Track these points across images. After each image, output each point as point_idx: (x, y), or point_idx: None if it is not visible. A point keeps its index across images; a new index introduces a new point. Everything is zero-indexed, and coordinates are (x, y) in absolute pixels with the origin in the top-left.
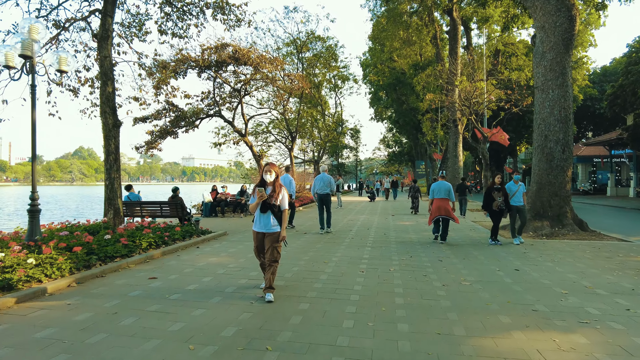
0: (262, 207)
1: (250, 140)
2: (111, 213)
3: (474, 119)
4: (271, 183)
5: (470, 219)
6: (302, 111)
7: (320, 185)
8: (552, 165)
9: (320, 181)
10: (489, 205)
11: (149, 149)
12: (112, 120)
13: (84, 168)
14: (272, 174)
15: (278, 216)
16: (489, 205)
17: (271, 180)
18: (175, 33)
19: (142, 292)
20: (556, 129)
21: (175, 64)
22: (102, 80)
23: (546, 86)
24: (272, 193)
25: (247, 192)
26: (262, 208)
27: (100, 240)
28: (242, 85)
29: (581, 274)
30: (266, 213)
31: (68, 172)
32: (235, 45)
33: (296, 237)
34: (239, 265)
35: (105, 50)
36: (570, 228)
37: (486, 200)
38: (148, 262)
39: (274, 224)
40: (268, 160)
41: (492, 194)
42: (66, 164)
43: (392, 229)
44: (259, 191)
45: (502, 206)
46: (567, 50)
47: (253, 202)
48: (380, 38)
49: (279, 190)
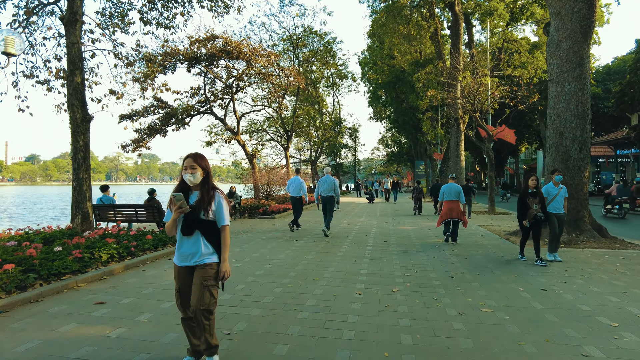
0: (184, 225)
1: (242, 139)
2: (79, 218)
3: (478, 117)
4: (198, 186)
5: (476, 222)
6: (299, 109)
7: (324, 187)
8: (568, 165)
9: (324, 183)
10: (524, 214)
11: (136, 147)
12: (81, 114)
13: None
14: (196, 172)
15: (212, 238)
16: (524, 214)
17: (196, 182)
18: (160, 23)
19: (77, 326)
20: (573, 126)
21: (162, 58)
22: (70, 69)
23: (562, 78)
24: (201, 202)
25: (237, 193)
26: (185, 227)
27: (49, 253)
28: (233, 81)
29: (623, 295)
30: (192, 235)
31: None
32: (226, 38)
33: (286, 245)
34: None
35: (73, 35)
36: (589, 234)
37: (521, 209)
38: (104, 280)
39: (207, 251)
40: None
41: (527, 201)
42: (63, 163)
43: (392, 235)
44: (175, 200)
45: (540, 216)
46: (585, 39)
47: (168, 219)
48: (379, 35)
49: (212, 195)
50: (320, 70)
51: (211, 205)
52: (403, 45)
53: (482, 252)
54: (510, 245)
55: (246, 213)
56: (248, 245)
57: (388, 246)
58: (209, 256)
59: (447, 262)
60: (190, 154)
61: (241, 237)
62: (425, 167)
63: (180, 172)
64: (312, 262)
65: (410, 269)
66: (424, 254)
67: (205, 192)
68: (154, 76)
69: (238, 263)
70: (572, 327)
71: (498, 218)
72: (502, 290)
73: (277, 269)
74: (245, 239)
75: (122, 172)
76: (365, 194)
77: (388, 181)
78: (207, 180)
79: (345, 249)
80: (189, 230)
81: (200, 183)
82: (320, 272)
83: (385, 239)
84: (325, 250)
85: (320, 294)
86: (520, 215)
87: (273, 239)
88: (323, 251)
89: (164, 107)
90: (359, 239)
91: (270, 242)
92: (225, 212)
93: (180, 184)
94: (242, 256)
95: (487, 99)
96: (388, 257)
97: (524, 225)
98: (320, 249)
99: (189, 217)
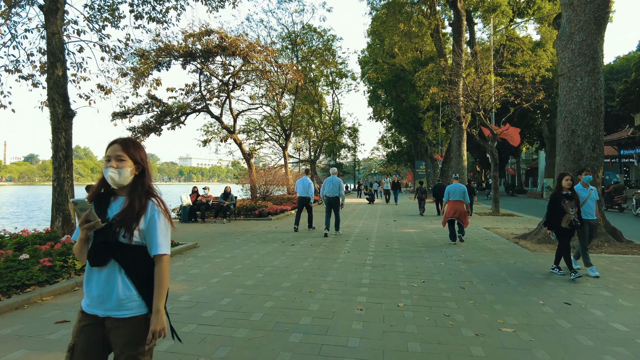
0: (93, 250)
1: (239, 138)
2: (59, 221)
3: (482, 115)
4: (124, 190)
5: (482, 224)
6: (297, 107)
7: (329, 187)
8: (580, 165)
9: (329, 184)
10: (557, 221)
11: None
12: (63, 109)
13: (79, 167)
14: (124, 167)
15: (138, 273)
16: (557, 221)
17: (122, 183)
18: (152, 17)
19: (26, 353)
20: (585, 123)
21: (156, 53)
22: (50, 61)
23: (574, 73)
24: (123, 215)
25: (232, 194)
26: (95, 254)
27: (14, 261)
28: (230, 78)
29: None
30: (105, 267)
31: None
32: (222, 32)
33: (281, 249)
34: (193, 298)
35: (54, 25)
36: (604, 238)
37: (553, 215)
38: (75, 292)
39: (127, 294)
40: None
41: (563, 204)
42: None
43: (395, 239)
44: (77, 209)
45: (576, 221)
46: (599, 31)
47: (76, 238)
48: (379, 32)
49: (143, 206)
50: (319, 68)
51: (139, 221)
52: (404, 42)
53: (492, 258)
54: (521, 250)
55: (241, 215)
56: (240, 250)
57: (391, 251)
58: (131, 303)
59: (456, 270)
60: (119, 138)
61: (234, 241)
62: (425, 167)
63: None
64: (308, 270)
65: (416, 277)
66: (430, 261)
67: (134, 200)
68: (148, 72)
69: (227, 271)
70: (613, 353)
71: (504, 220)
72: (521, 304)
73: (270, 278)
74: (238, 243)
75: None
76: (365, 195)
77: (388, 181)
78: (141, 182)
79: (345, 254)
80: (100, 259)
81: (130, 185)
82: (317, 282)
83: (388, 243)
84: (323, 257)
85: (316, 309)
86: (552, 221)
87: (268, 242)
88: (321, 257)
89: (159, 105)
90: (360, 244)
91: (264, 247)
92: (161, 234)
93: (100, 185)
94: (232, 263)
95: (491, 96)
96: (391, 263)
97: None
98: (318, 255)
99: (100, 239)
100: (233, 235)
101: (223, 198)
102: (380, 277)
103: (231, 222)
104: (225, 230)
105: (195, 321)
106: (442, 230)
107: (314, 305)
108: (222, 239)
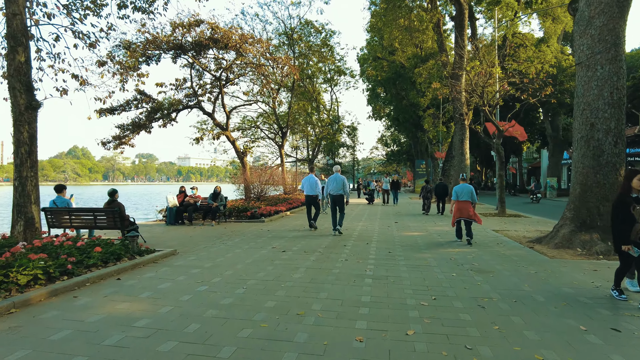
0: None
1: (232, 136)
2: (21, 225)
3: (487, 111)
4: None
5: (489, 226)
6: (294, 104)
7: (333, 185)
8: (601, 161)
9: (333, 182)
10: (627, 232)
11: (118, 144)
12: (25, 100)
13: (77, 167)
14: None
15: None
16: (627, 232)
17: None
18: (137, 6)
19: None
20: (606, 116)
21: (144, 46)
22: (10, 45)
23: (593, 61)
24: None
25: (222, 194)
26: None
27: None
28: (222, 72)
29: None
30: None
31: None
32: (212, 23)
33: (270, 257)
34: (153, 323)
35: (14, 5)
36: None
37: (622, 224)
38: (11, 315)
39: None
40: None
41: (632, 211)
42: (59, 163)
43: (398, 244)
44: None
45: None
46: (622, 14)
47: None
48: (378, 28)
49: None
50: (317, 65)
51: None
52: (404, 37)
53: (509, 266)
54: (539, 256)
55: (232, 216)
56: (223, 258)
57: (394, 259)
58: None
59: (470, 283)
60: None
61: (219, 246)
62: (425, 166)
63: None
64: (298, 284)
65: (426, 294)
66: (440, 270)
67: None
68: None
69: (203, 286)
70: None
71: (511, 221)
72: (558, 331)
73: (252, 295)
74: (222, 249)
75: (119, 172)
76: (364, 194)
77: (387, 181)
78: None
79: (342, 263)
80: None
81: None
82: (307, 302)
83: (390, 248)
84: (317, 266)
85: (304, 341)
86: (620, 232)
87: (257, 248)
88: (314, 267)
89: (149, 101)
90: (359, 249)
91: (251, 254)
92: None
93: None
94: (211, 275)
95: (496, 92)
96: (395, 275)
97: (625, 249)
98: (311, 264)
99: None
100: (219, 240)
101: (212, 199)
102: (383, 293)
103: (220, 225)
104: (212, 233)
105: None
106: (448, 233)
107: (301, 335)
108: (206, 244)
